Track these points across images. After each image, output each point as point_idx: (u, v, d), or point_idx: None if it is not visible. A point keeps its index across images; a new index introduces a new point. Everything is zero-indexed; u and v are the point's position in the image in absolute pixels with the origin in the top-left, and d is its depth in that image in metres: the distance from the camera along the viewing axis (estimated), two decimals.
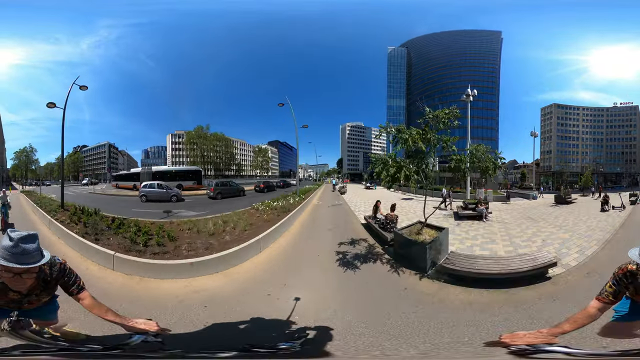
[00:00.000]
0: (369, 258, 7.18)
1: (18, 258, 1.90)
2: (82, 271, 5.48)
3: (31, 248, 1.95)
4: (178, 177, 29.74)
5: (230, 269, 6.36)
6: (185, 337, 3.44)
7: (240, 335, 3.78)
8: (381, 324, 4.01)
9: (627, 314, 2.32)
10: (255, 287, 5.51)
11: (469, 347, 3.41)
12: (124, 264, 6.20)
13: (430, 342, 3.53)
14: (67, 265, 2.26)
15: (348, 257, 7.18)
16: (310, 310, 4.40)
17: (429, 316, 4.26)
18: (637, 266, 2.07)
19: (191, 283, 5.55)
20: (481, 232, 10.37)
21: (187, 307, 4.51)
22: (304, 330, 3.72)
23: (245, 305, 4.68)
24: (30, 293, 2.14)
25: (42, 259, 2.01)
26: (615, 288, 2.14)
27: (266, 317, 4.14)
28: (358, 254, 7.42)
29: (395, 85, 71.42)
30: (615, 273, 2.19)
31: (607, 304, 2.12)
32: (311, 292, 5.34)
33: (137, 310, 4.33)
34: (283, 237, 9.43)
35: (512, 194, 27.73)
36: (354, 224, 12.12)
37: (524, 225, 11.83)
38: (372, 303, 5.00)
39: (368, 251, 7.80)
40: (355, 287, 5.64)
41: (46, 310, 2.32)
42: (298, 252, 8.04)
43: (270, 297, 4.97)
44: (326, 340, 3.43)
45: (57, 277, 2.20)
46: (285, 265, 6.90)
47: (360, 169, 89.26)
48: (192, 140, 62.39)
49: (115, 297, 4.74)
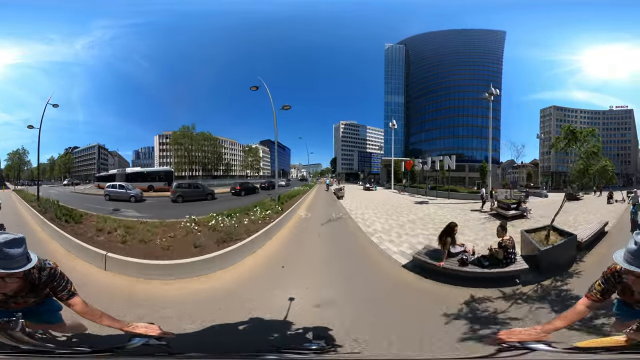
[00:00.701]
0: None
1: (1, 263, 1.87)
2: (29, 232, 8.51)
3: (16, 253, 1.94)
4: (149, 179, 29.52)
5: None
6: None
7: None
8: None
9: (621, 316, 2.37)
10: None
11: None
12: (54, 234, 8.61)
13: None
14: (57, 270, 2.23)
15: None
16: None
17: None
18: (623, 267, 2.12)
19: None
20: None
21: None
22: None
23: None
24: (16, 295, 2.11)
25: (27, 264, 1.99)
26: (603, 287, 2.23)
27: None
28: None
29: (393, 82, 70.05)
30: (604, 272, 2.28)
31: (595, 301, 2.20)
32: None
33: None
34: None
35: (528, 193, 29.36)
36: (393, 281, 6.13)
37: (563, 216, 11.82)
38: None
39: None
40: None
41: (43, 311, 2.28)
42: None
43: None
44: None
45: (46, 282, 2.17)
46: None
47: (355, 168, 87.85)
48: (177, 141, 62.00)
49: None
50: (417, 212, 15.23)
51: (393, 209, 16.19)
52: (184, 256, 6.52)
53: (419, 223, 11.85)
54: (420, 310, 4.86)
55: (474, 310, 4.59)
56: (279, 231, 9.55)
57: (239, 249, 7.19)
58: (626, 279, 2.16)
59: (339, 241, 9.23)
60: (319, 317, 4.28)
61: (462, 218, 13.32)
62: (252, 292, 5.53)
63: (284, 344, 3.74)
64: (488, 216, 14.21)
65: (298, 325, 4.00)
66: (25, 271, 1.99)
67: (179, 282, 5.65)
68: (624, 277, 2.15)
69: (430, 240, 8.32)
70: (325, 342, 3.46)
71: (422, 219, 13.01)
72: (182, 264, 6.10)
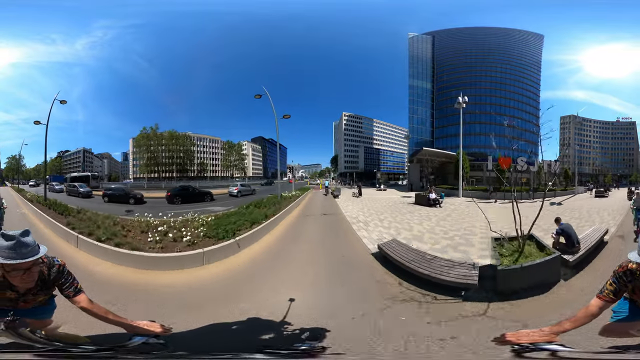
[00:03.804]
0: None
1: (23, 254, 1.94)
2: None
3: (30, 241, 2.01)
4: (79, 180, 35.61)
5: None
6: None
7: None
8: None
9: (627, 316, 2.35)
10: None
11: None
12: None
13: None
14: (65, 267, 2.29)
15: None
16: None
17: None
18: (637, 265, 2.11)
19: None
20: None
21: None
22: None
23: None
24: (27, 292, 2.16)
25: (41, 250, 2.06)
26: (615, 286, 2.18)
27: None
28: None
29: (420, 67, 65.30)
30: (615, 271, 2.24)
31: (607, 302, 2.17)
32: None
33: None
34: None
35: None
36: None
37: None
38: None
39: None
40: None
41: (42, 310, 2.33)
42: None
43: None
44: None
45: (55, 278, 2.22)
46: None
47: (361, 167, 76.94)
48: (139, 143, 59.10)
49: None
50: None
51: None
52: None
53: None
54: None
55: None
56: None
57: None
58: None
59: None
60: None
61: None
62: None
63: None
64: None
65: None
66: (40, 262, 2.08)
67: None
68: (638, 275, 2.13)
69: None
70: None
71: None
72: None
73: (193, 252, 6.59)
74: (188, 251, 6.68)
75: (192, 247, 6.98)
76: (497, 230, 6.69)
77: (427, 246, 8.01)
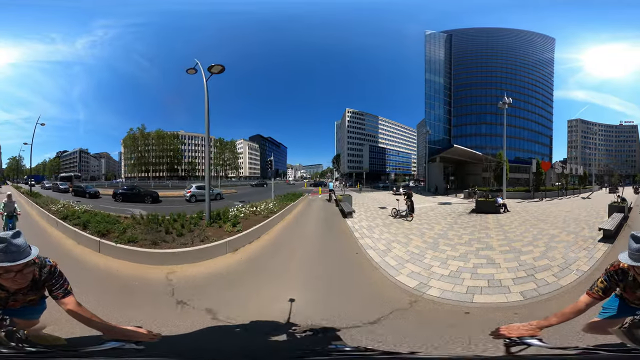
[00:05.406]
0: None
1: (15, 256, 1.90)
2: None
3: (22, 243, 1.96)
4: (65, 179, 42.20)
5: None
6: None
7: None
8: None
9: (614, 313, 2.36)
10: None
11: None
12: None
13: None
14: (57, 268, 2.25)
15: None
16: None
17: None
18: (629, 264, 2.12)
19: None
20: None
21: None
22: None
23: None
24: (17, 292, 2.13)
25: (32, 252, 2.03)
26: (606, 284, 2.19)
27: None
28: None
29: (435, 62, 64.80)
30: (607, 269, 2.24)
31: (596, 299, 2.18)
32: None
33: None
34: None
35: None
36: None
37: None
38: None
39: None
40: None
41: (31, 310, 2.29)
42: None
43: None
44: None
45: (46, 279, 2.19)
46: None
47: (365, 167, 70.91)
48: (127, 144, 60.12)
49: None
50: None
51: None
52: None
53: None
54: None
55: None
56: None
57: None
58: (631, 276, 2.17)
59: None
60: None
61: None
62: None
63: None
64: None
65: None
66: (32, 263, 2.05)
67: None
68: (630, 274, 2.15)
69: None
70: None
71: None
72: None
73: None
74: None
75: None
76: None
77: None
